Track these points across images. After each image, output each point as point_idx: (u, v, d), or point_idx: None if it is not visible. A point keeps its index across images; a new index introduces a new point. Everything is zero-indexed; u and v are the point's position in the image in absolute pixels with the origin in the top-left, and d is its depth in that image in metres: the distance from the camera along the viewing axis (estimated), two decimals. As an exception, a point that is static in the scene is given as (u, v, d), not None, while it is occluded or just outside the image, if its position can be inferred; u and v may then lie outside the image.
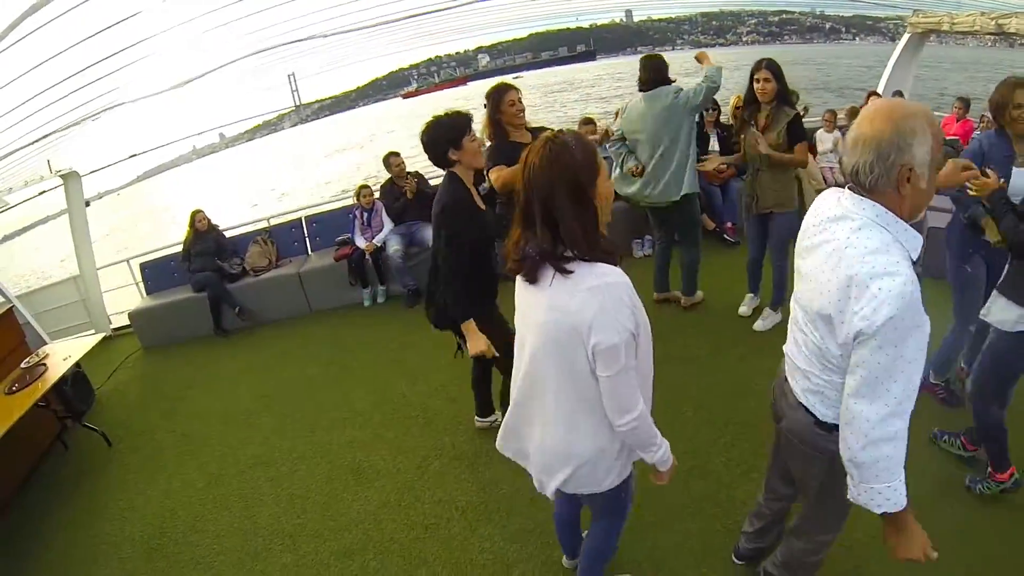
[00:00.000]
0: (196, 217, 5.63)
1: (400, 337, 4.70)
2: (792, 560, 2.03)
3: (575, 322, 1.47)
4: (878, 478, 1.39)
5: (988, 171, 2.36)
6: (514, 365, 1.79)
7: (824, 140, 6.49)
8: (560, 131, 1.55)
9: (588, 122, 5.75)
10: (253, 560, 2.80)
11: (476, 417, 3.39)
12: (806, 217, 1.61)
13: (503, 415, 2.34)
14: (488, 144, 3.28)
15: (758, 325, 4.06)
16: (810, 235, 1.55)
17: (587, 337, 1.46)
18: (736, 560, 2.38)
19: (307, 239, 6.01)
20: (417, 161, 4.25)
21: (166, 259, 5.98)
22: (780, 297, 4.01)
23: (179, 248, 5.73)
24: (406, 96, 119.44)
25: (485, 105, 3.29)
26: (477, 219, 2.66)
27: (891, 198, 1.37)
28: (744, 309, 4.26)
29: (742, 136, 3.76)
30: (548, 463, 1.75)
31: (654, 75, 3.85)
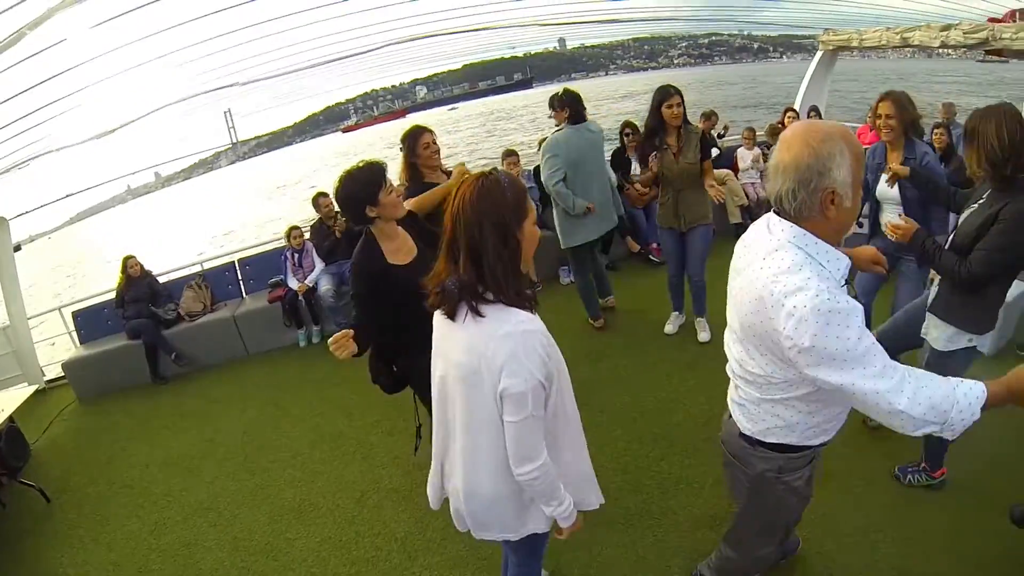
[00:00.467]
0: (128, 263, 5.62)
1: (336, 375, 4.82)
2: (724, 568, 2.12)
3: (489, 366, 1.47)
4: (952, 410, 1.34)
5: (903, 218, 2.52)
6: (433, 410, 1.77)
7: (744, 157, 6.84)
8: (494, 169, 1.57)
9: (511, 154, 5.97)
10: None
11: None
12: (738, 242, 1.64)
13: None
14: (404, 187, 3.33)
15: (702, 337, 4.34)
16: (738, 256, 1.61)
17: (497, 381, 1.47)
18: None
19: (241, 282, 6.07)
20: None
21: (99, 306, 5.91)
22: (703, 306, 4.37)
23: (113, 295, 5.68)
24: (346, 130, 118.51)
25: (401, 148, 3.35)
26: (390, 278, 2.45)
27: (818, 223, 1.40)
28: (670, 328, 4.54)
29: (652, 159, 3.99)
30: (460, 503, 1.74)
31: (581, 108, 4.18)
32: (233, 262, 6.15)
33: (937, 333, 2.49)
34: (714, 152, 6.73)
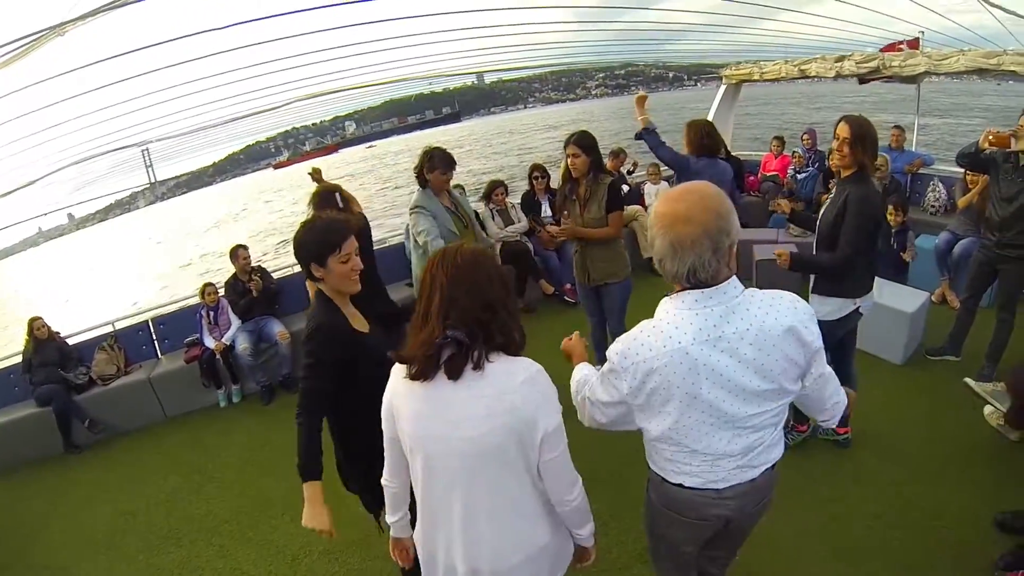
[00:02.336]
0: (35, 325, 5.30)
1: (260, 435, 4.74)
2: None
3: (522, 418, 1.47)
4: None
5: (776, 252, 3.09)
6: (421, 495, 1.67)
7: (651, 193, 7.08)
8: (462, 244, 1.62)
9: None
10: None
11: None
12: (680, 348, 1.49)
13: None
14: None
15: None
16: (709, 354, 1.50)
17: (534, 430, 1.49)
18: None
19: (155, 341, 5.82)
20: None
21: (4, 371, 5.53)
22: None
23: (19, 358, 5.36)
24: (277, 166, 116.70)
25: (309, 204, 3.46)
26: (357, 347, 2.20)
27: (723, 277, 1.49)
28: None
29: (565, 212, 3.80)
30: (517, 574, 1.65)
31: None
32: (147, 321, 5.89)
33: (826, 308, 3.03)
34: (623, 189, 6.93)
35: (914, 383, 4.05)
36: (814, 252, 3.17)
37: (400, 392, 1.60)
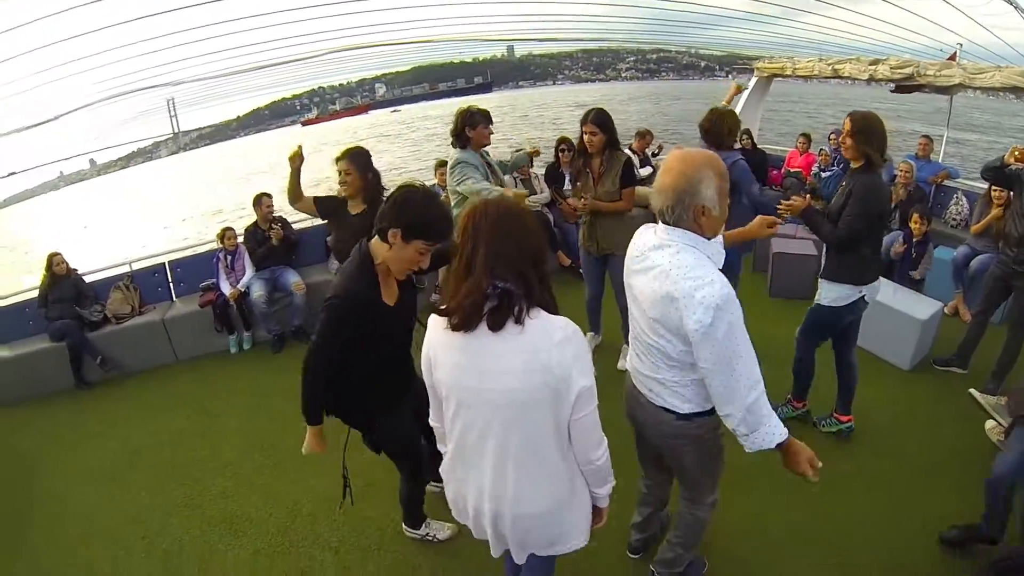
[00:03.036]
0: (53, 260, 5.36)
1: (268, 383, 4.80)
2: (688, 529, 2.41)
3: (557, 376, 1.51)
4: (762, 422, 1.79)
5: (795, 197, 3.19)
6: (447, 434, 1.77)
7: None
8: (504, 197, 1.67)
9: (444, 164, 5.91)
10: None
11: (405, 527, 3.06)
12: (630, 248, 2.01)
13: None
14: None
15: (621, 364, 4.31)
16: (636, 263, 1.94)
17: (568, 388, 1.53)
18: (632, 555, 2.80)
19: (171, 284, 5.89)
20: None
21: (20, 305, 5.59)
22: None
23: (35, 293, 5.40)
24: (306, 123, 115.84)
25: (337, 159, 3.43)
26: (379, 320, 2.22)
27: (692, 227, 1.80)
28: None
29: (579, 183, 4.01)
30: (505, 527, 1.74)
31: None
32: (163, 263, 5.95)
33: (833, 293, 3.20)
34: (647, 171, 6.94)
35: (919, 389, 4.07)
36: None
37: (438, 343, 1.63)
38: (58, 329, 5.17)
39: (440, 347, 1.63)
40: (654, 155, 7.41)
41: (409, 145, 41.58)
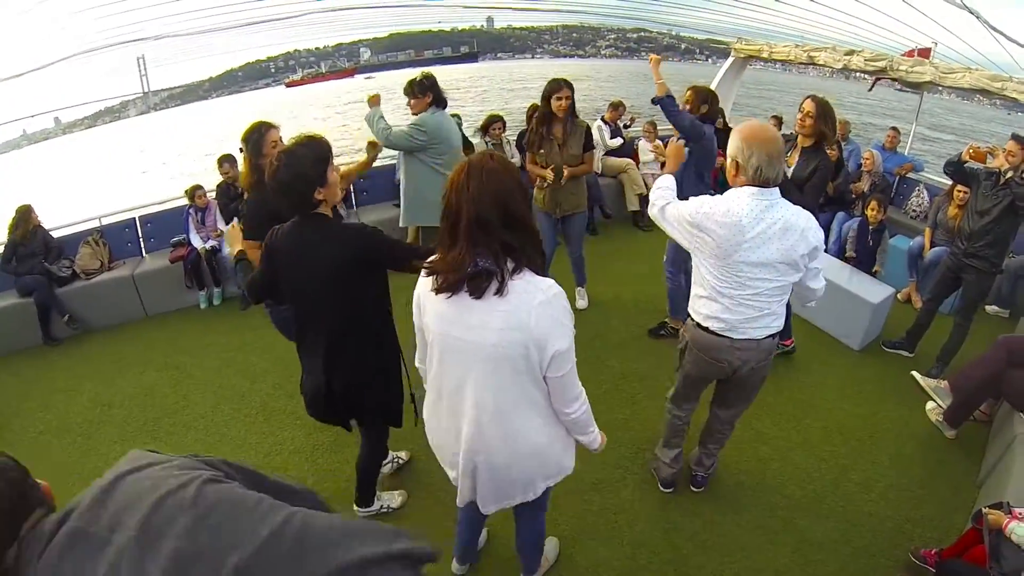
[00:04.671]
0: (21, 213, 5.24)
1: (237, 337, 4.85)
2: (724, 438, 2.97)
3: (534, 337, 1.58)
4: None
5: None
6: (433, 383, 1.83)
7: (644, 149, 7.10)
8: (490, 154, 1.65)
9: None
10: None
11: (357, 508, 2.96)
12: (726, 218, 2.19)
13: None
14: (246, 197, 3.06)
15: (580, 304, 4.76)
16: (752, 229, 2.17)
17: (543, 348, 1.60)
18: (666, 489, 3.11)
19: (141, 240, 5.86)
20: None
21: None
22: (584, 277, 4.76)
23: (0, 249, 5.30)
24: (290, 84, 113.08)
25: (242, 149, 3.01)
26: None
27: None
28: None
29: (542, 150, 4.19)
30: (485, 475, 1.82)
31: (442, 93, 4.12)
32: (133, 218, 5.91)
33: None
34: (618, 141, 7.05)
35: (867, 369, 4.28)
36: None
37: (427, 292, 1.69)
38: (26, 284, 5.10)
39: (427, 296, 1.69)
40: (626, 127, 7.50)
41: (400, 109, 40.59)
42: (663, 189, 2.55)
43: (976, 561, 2.37)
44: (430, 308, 1.70)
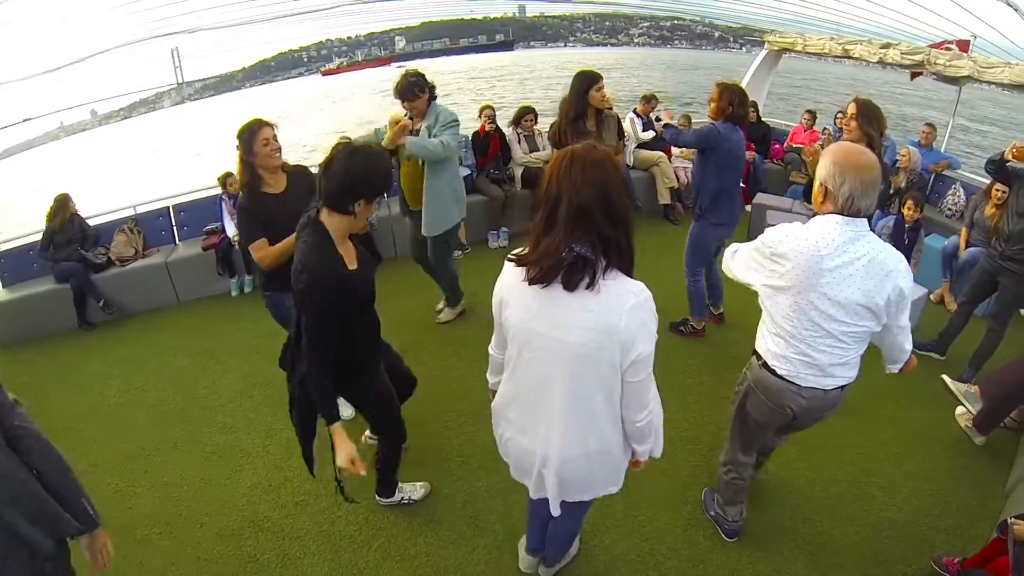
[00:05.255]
0: (60, 202, 5.43)
1: (266, 325, 4.79)
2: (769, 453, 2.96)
3: (622, 340, 1.55)
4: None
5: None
6: (511, 378, 1.81)
7: None
8: (593, 145, 1.59)
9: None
10: (134, 550, 2.93)
11: (378, 497, 3.07)
12: (805, 248, 2.00)
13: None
14: (240, 196, 3.05)
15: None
16: (831, 260, 1.98)
17: (628, 351, 1.57)
18: (731, 539, 2.87)
19: (174, 228, 6.00)
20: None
21: (25, 248, 5.67)
22: None
23: (39, 236, 5.46)
24: (326, 73, 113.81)
25: (237, 146, 2.92)
26: (350, 287, 2.19)
27: None
28: None
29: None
30: (551, 470, 1.81)
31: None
32: (167, 207, 6.05)
33: None
34: (650, 134, 7.01)
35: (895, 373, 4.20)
36: None
37: (512, 285, 1.66)
38: (63, 270, 5.28)
39: (513, 290, 1.66)
40: (657, 120, 7.47)
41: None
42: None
43: (999, 572, 2.33)
44: (515, 302, 1.67)
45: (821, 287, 2.00)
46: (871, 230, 2.06)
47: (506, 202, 6.25)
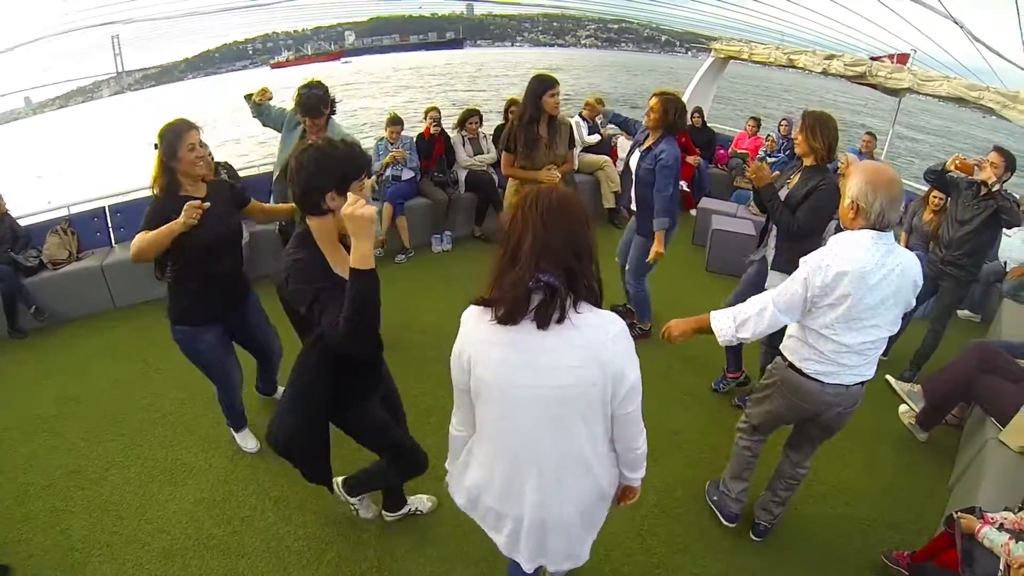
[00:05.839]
0: None
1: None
2: (795, 486, 2.85)
3: (610, 372, 1.51)
4: None
5: (763, 165, 3.41)
6: (488, 448, 1.72)
7: (623, 146, 7.13)
8: (557, 187, 1.60)
9: (396, 122, 5.96)
10: (71, 575, 2.77)
11: (386, 512, 2.97)
12: (850, 266, 2.11)
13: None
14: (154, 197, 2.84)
15: None
16: (874, 276, 2.11)
17: (619, 383, 1.53)
18: (730, 523, 2.99)
19: (111, 229, 5.70)
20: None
21: None
22: None
23: None
24: (275, 66, 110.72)
25: (155, 145, 2.69)
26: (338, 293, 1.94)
27: None
28: None
29: (532, 152, 4.01)
30: (542, 533, 1.74)
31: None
32: (103, 207, 5.75)
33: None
34: (595, 137, 7.09)
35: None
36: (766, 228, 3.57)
37: (480, 339, 1.56)
38: (-8, 274, 4.94)
39: (482, 344, 1.56)
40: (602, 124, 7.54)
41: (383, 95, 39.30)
42: (740, 318, 2.35)
43: (948, 565, 2.40)
44: (486, 358, 1.55)
45: (866, 300, 2.14)
46: None
47: (449, 206, 6.21)
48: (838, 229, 2.30)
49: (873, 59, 6.96)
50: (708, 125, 8.15)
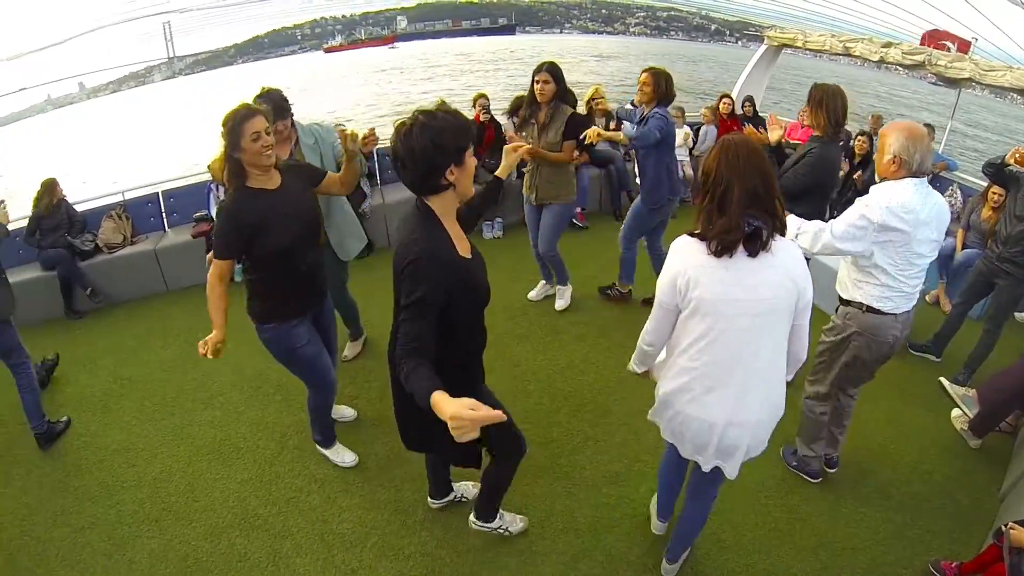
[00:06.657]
0: (47, 186, 5.26)
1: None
2: (849, 416, 3.17)
3: (800, 286, 1.86)
4: None
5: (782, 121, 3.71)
6: (703, 355, 1.92)
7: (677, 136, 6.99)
8: (746, 135, 2.02)
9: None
10: (120, 549, 2.87)
11: (474, 519, 2.75)
12: (915, 206, 2.44)
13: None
14: (221, 197, 2.68)
15: (558, 305, 4.67)
16: (925, 212, 2.46)
17: (803, 294, 1.88)
18: (815, 479, 3.20)
19: (164, 214, 5.88)
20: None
21: (11, 233, 5.33)
22: (565, 275, 4.65)
23: (25, 221, 5.28)
24: (328, 50, 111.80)
25: (222, 135, 2.44)
26: (464, 276, 1.89)
27: None
28: (533, 295, 4.85)
29: (523, 132, 4.17)
30: (745, 433, 2.02)
31: None
32: (156, 193, 5.93)
33: None
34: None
35: (891, 372, 4.13)
36: None
37: (698, 265, 1.84)
38: (50, 257, 5.15)
39: (699, 268, 1.84)
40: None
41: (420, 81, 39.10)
42: (802, 229, 2.65)
43: (996, 579, 2.32)
44: (706, 279, 1.84)
45: (919, 235, 2.47)
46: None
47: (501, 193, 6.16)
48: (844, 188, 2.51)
49: (931, 37, 6.69)
50: (760, 114, 7.96)
